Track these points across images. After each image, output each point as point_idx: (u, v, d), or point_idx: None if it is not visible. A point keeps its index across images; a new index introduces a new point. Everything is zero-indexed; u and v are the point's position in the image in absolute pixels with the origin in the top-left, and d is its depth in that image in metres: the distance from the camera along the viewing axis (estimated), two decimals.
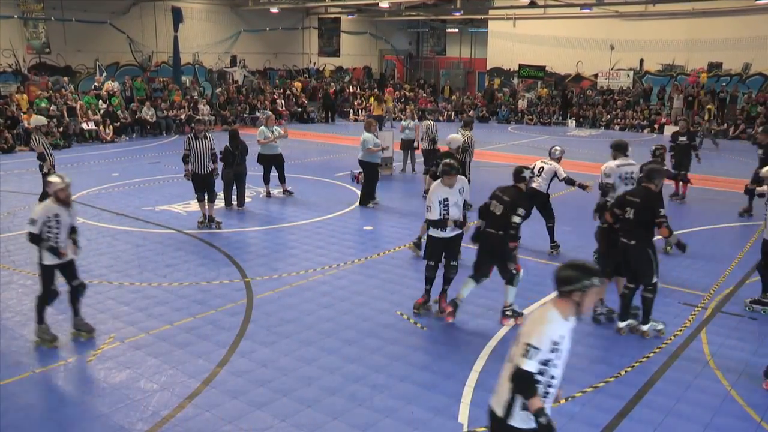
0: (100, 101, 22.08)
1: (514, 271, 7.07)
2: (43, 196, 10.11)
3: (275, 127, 13.29)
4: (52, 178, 6.46)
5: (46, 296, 6.42)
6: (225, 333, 6.80)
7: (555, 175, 9.57)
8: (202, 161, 10.59)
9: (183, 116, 23.46)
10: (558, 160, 9.83)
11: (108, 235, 10.33)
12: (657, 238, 6.99)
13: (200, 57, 27.20)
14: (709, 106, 24.27)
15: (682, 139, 13.04)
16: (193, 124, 10.62)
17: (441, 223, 7.05)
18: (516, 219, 6.83)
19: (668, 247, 9.55)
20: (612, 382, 5.89)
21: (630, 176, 8.03)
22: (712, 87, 26.04)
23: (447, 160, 7.36)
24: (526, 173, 7.11)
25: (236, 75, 28.39)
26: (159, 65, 25.87)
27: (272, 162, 13.01)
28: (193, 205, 12.35)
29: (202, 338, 6.67)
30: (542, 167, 9.68)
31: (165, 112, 23.11)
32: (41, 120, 11.63)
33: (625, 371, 6.10)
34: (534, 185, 9.72)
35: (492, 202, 7.08)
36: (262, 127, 13.17)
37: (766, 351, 6.59)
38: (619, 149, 8.36)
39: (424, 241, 8.00)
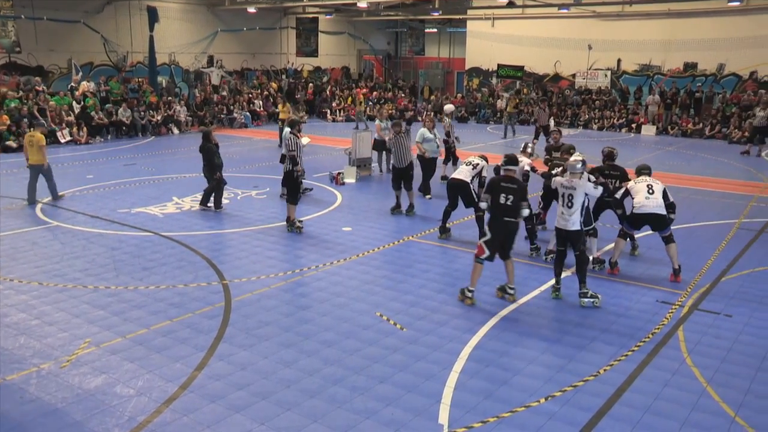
0: (74, 102, 21.71)
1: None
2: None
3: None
4: None
5: None
6: (203, 336, 6.72)
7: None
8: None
9: (159, 117, 23.18)
10: (529, 155, 9.98)
11: (83, 238, 10.15)
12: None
13: (176, 57, 26.91)
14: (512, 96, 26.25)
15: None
16: (401, 127, 11.70)
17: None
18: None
19: (635, 251, 9.71)
20: (591, 381, 5.92)
21: None
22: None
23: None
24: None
25: (213, 75, 28.12)
26: (134, 65, 25.53)
27: None
28: (170, 207, 12.23)
29: (180, 342, 6.58)
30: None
31: (143, 113, 22.76)
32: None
33: (604, 370, 6.14)
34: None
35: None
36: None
37: (740, 348, 6.68)
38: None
39: None
